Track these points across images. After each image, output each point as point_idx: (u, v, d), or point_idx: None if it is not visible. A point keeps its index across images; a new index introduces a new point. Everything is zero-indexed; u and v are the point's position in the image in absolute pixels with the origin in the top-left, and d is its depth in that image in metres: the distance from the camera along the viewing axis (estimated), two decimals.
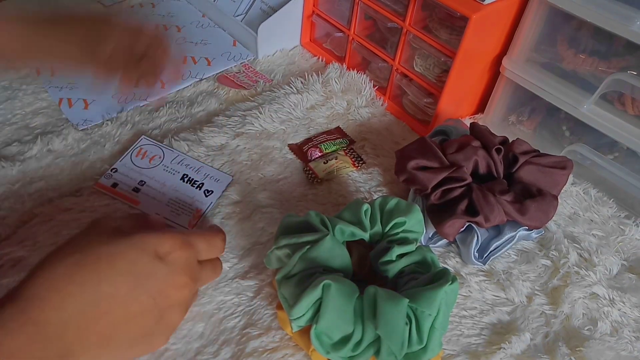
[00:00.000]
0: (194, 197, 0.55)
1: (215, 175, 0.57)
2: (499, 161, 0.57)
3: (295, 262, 0.44)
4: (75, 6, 0.88)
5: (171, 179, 0.56)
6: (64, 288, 0.35)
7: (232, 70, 0.81)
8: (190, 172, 0.57)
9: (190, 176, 0.56)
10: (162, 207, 0.54)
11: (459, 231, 0.54)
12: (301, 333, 0.45)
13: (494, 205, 0.53)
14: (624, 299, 0.54)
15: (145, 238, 0.39)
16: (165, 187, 0.55)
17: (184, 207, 0.54)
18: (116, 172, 0.56)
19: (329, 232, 0.46)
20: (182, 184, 0.56)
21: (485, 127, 0.60)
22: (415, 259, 0.48)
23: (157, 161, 0.57)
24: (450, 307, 0.45)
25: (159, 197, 0.54)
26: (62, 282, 0.36)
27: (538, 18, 0.62)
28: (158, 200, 0.54)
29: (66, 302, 0.35)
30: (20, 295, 0.35)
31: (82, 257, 0.37)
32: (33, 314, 0.34)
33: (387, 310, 0.41)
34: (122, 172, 0.56)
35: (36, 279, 0.36)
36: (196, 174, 0.57)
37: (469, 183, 0.55)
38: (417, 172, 0.56)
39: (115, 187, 0.56)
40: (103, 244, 0.38)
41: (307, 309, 0.42)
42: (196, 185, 0.56)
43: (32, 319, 0.34)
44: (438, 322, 0.42)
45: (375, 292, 0.42)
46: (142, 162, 0.57)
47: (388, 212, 0.50)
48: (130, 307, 0.38)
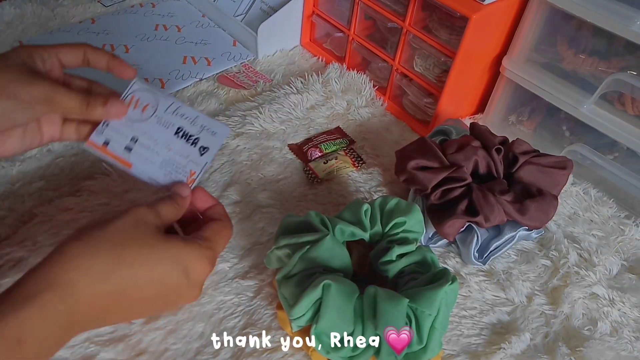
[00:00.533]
0: (188, 156, 0.51)
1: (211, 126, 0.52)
2: (499, 161, 0.57)
3: (295, 262, 0.44)
4: (74, 6, 0.89)
5: (165, 133, 0.51)
6: (95, 283, 0.37)
7: (232, 70, 0.81)
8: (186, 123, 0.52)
9: (185, 129, 0.52)
10: (155, 171, 0.50)
11: (459, 231, 0.54)
12: (301, 333, 0.46)
13: (494, 205, 0.53)
14: (624, 299, 0.54)
15: (181, 253, 0.41)
16: (158, 145, 0.51)
17: (177, 170, 0.51)
18: (107, 126, 0.51)
19: (329, 232, 0.46)
20: (175, 139, 0.51)
21: (485, 127, 0.60)
22: (415, 259, 0.48)
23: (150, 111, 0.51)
24: (450, 307, 0.45)
25: (151, 158, 0.51)
26: (96, 275, 0.37)
27: (538, 18, 0.62)
28: (151, 162, 0.51)
29: (97, 291, 0.37)
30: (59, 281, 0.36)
31: (121, 253, 0.38)
32: (68, 302, 0.36)
33: (387, 310, 0.41)
34: (113, 125, 0.51)
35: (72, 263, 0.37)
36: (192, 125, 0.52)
37: (469, 183, 0.55)
38: (417, 172, 0.56)
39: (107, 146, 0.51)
40: (144, 247, 0.39)
41: (307, 309, 0.42)
42: (191, 142, 0.53)
43: (67, 308, 0.36)
44: (438, 322, 0.42)
45: (375, 292, 0.42)
46: (135, 112, 0.51)
47: (388, 212, 0.50)
48: (146, 308, 0.41)
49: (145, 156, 0.51)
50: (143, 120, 0.52)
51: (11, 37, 0.82)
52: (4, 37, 0.82)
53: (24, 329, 0.34)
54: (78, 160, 0.64)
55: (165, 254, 0.40)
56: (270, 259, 0.48)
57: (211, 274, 0.53)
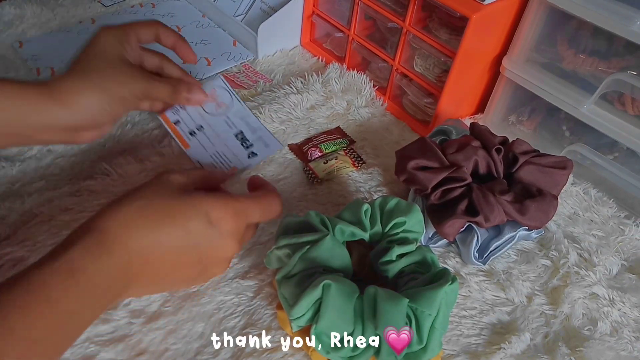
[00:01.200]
0: (238, 155, 0.56)
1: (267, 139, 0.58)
2: (499, 161, 0.57)
3: (295, 262, 0.44)
4: (74, 6, 0.89)
5: (227, 132, 0.57)
6: (129, 229, 0.39)
7: (232, 70, 0.81)
8: (247, 130, 0.58)
9: (244, 134, 0.57)
10: (206, 157, 0.55)
11: (459, 231, 0.54)
12: (301, 333, 0.46)
13: (494, 205, 0.53)
14: (624, 299, 0.54)
15: (201, 200, 0.41)
16: (218, 138, 0.56)
17: (223, 163, 0.56)
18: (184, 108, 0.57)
19: (329, 232, 0.46)
20: (233, 139, 0.57)
21: (485, 127, 0.60)
22: (415, 259, 0.48)
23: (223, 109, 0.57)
24: (450, 307, 0.45)
25: (208, 147, 0.56)
26: (129, 222, 0.39)
27: (538, 18, 0.62)
28: (206, 149, 0.56)
29: (132, 240, 0.38)
30: (95, 227, 0.38)
31: (146, 203, 0.40)
32: (106, 244, 0.37)
33: (387, 310, 0.41)
34: (189, 110, 0.57)
35: (108, 215, 0.39)
36: (252, 133, 0.58)
37: (469, 183, 0.55)
38: (417, 172, 0.56)
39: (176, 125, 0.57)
40: (166, 197, 0.41)
41: (307, 309, 0.42)
42: (246, 145, 0.56)
43: (107, 249, 0.37)
44: (438, 322, 0.42)
45: (375, 292, 0.42)
46: (210, 106, 0.57)
47: (388, 212, 0.50)
48: (179, 258, 0.41)
49: (204, 144, 0.56)
50: (214, 115, 0.57)
51: (11, 37, 0.82)
52: (4, 37, 0.82)
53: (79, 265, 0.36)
54: (78, 161, 0.64)
55: (184, 204, 0.41)
56: (270, 259, 0.48)
57: None
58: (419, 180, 0.56)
